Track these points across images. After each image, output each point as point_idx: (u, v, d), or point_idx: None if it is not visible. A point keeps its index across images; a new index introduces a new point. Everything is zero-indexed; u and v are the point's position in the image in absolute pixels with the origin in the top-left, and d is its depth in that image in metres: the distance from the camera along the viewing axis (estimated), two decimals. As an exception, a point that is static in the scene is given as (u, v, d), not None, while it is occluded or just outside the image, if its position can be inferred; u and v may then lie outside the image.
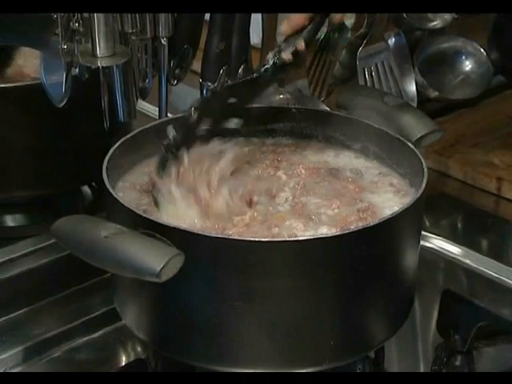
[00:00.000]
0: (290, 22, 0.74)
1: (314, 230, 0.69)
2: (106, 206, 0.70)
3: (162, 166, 0.71)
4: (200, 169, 0.72)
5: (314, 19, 0.75)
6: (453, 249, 0.89)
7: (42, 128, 0.86)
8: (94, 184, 0.96)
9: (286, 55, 0.75)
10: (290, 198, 0.73)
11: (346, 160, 0.80)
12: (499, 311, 0.77)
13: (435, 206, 0.96)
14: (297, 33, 0.75)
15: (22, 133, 0.86)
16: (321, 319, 0.67)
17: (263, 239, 0.65)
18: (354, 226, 0.69)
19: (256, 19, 0.91)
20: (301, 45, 0.75)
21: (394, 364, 0.78)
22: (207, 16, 0.88)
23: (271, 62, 0.75)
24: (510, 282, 0.84)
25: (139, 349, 0.79)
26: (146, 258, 0.61)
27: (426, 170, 0.71)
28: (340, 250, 0.65)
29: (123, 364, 0.78)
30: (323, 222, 0.70)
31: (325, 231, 0.69)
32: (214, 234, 0.66)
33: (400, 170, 0.77)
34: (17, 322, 0.80)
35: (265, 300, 0.65)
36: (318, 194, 0.74)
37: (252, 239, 0.65)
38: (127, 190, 0.75)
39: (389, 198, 0.75)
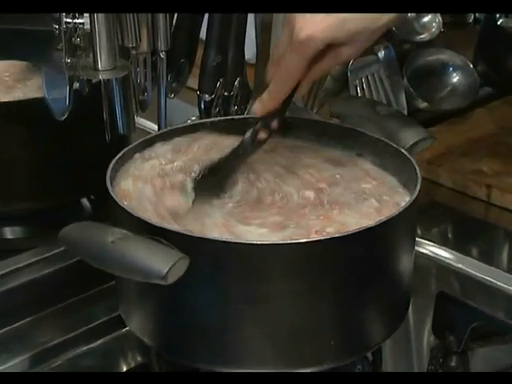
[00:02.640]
0: (262, 103, 0.75)
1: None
2: (111, 214, 0.72)
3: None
4: None
5: (284, 102, 0.76)
6: (445, 254, 0.91)
7: (42, 141, 0.88)
8: (92, 196, 0.98)
9: (262, 135, 0.77)
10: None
11: None
12: (492, 312, 0.79)
13: (427, 213, 0.98)
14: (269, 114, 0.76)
15: (22, 146, 0.87)
16: (321, 320, 0.68)
17: (265, 242, 0.67)
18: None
19: (250, 36, 0.93)
20: (275, 125, 0.77)
21: (391, 364, 0.80)
22: (203, 34, 0.91)
23: (248, 140, 0.77)
24: (500, 284, 0.86)
25: (142, 355, 0.81)
26: (152, 262, 0.62)
27: (419, 174, 0.73)
28: (339, 252, 0.66)
29: (126, 370, 0.80)
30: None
31: None
32: (217, 238, 0.67)
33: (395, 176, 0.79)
34: (22, 331, 0.82)
35: (268, 303, 0.67)
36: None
37: (254, 242, 0.66)
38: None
39: None
